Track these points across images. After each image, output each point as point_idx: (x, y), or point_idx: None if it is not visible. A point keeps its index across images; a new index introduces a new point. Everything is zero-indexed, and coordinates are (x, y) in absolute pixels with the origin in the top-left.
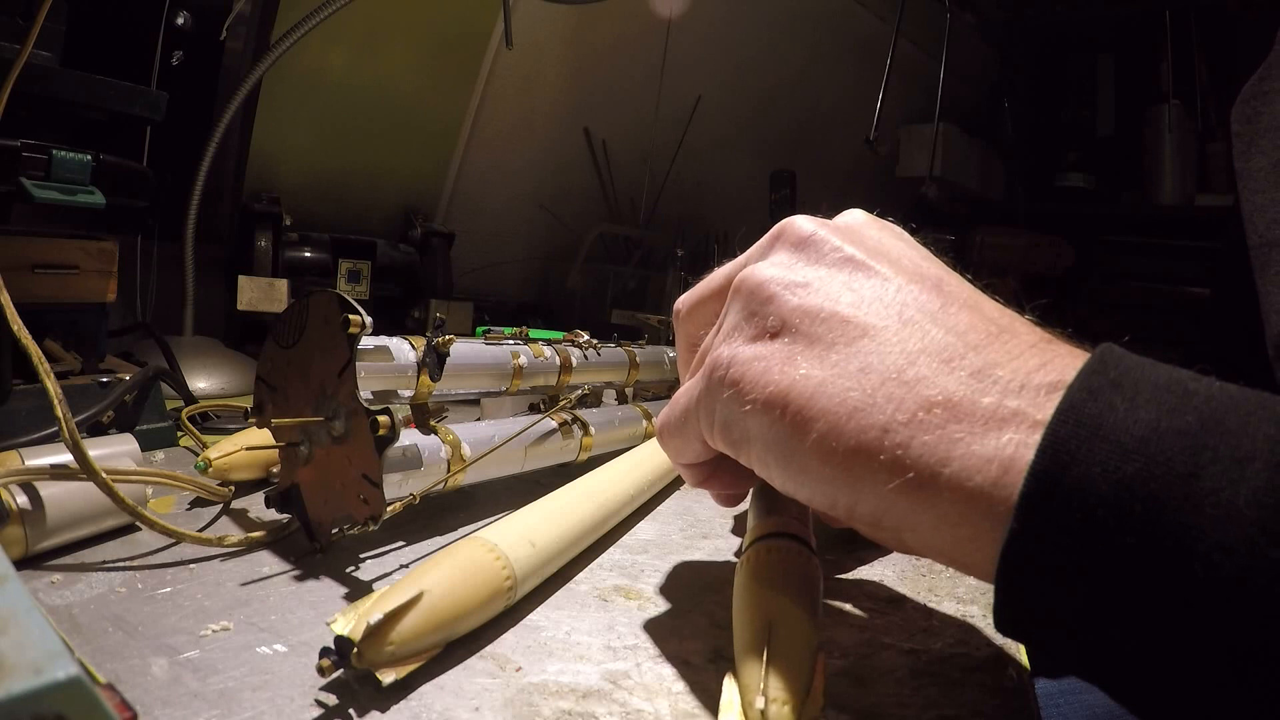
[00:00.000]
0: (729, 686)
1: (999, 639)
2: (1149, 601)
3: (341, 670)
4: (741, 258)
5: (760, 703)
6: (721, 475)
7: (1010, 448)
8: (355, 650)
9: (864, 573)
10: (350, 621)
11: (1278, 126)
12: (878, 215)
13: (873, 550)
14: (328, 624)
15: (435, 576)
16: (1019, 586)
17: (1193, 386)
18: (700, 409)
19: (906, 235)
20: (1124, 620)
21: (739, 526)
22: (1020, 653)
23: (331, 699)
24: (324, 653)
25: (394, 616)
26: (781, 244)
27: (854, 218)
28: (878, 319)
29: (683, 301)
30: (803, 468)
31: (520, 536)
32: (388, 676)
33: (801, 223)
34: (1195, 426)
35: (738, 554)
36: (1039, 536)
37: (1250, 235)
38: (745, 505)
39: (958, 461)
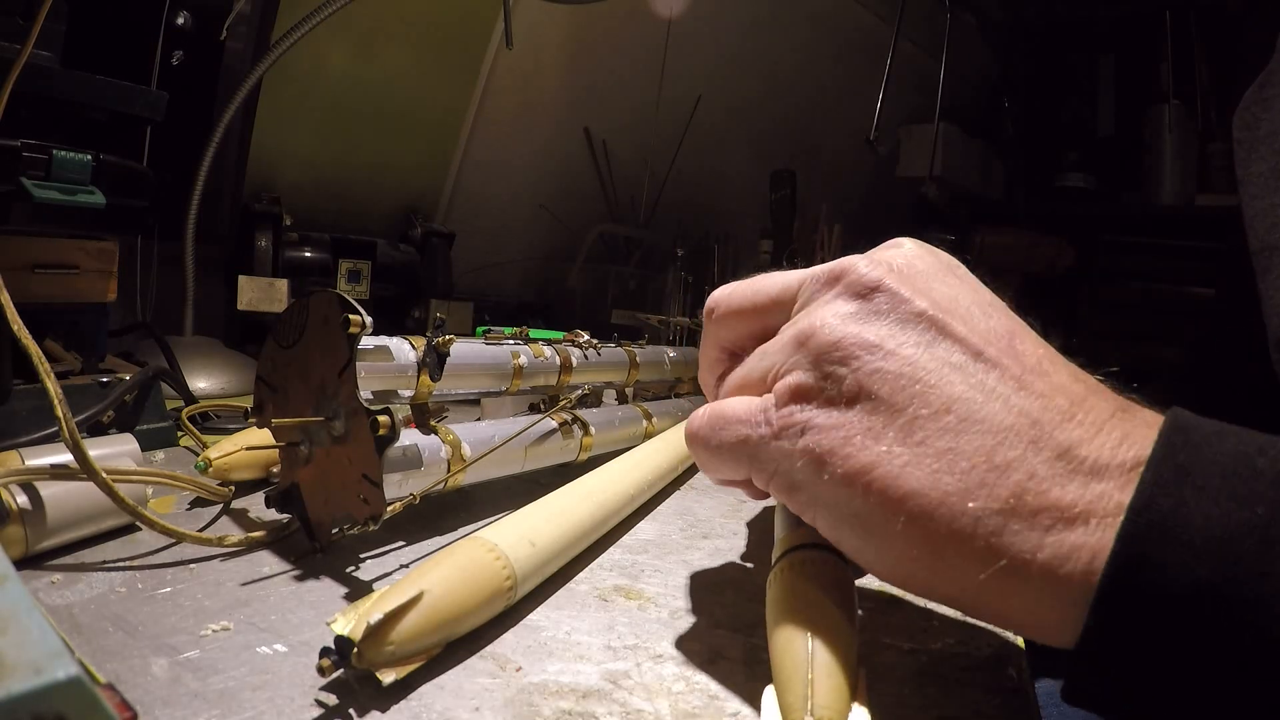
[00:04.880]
0: (769, 701)
1: (999, 639)
2: (1219, 694)
3: (341, 670)
4: (795, 281)
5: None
6: (752, 485)
7: (1098, 532)
8: (355, 650)
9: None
10: (350, 621)
11: (1277, 132)
12: (925, 242)
13: None
14: (328, 624)
15: (435, 576)
16: (1093, 671)
17: (1261, 465)
18: (760, 456)
19: (963, 270)
20: (1196, 712)
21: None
22: (1020, 653)
23: (332, 699)
24: (324, 653)
25: (394, 616)
26: (846, 290)
27: (912, 256)
28: (960, 389)
29: (719, 300)
30: (884, 546)
31: (520, 536)
32: (388, 676)
33: (865, 268)
34: (1265, 519)
35: (768, 561)
36: (1115, 631)
37: (1252, 240)
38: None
39: (1049, 549)
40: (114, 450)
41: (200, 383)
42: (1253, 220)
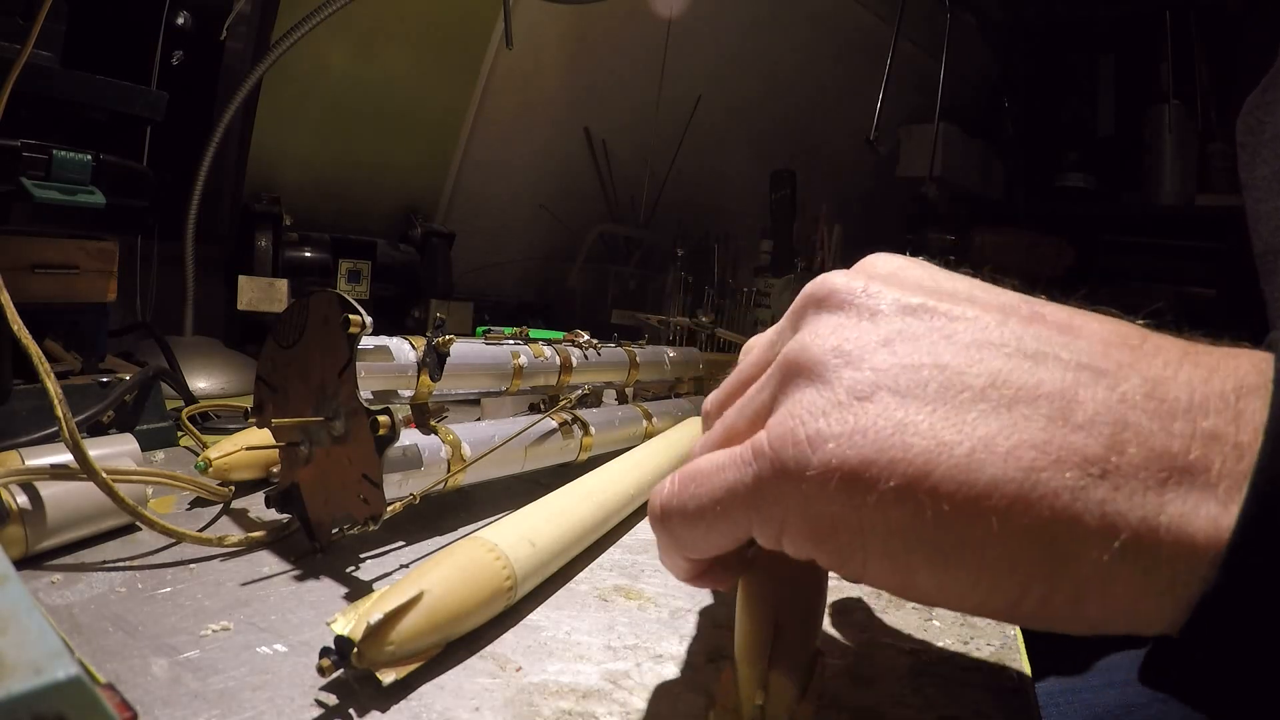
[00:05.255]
0: (727, 680)
1: (999, 639)
2: None
3: (342, 670)
4: (762, 341)
5: (760, 698)
6: (719, 571)
7: (1224, 481)
8: (355, 650)
9: None
10: (350, 621)
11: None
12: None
13: None
14: (328, 624)
15: (435, 576)
16: (1210, 641)
17: None
18: (763, 502)
19: (947, 271)
20: None
21: None
22: (1020, 653)
23: (332, 699)
24: (324, 653)
25: (394, 616)
26: (820, 310)
27: (891, 263)
28: (998, 362)
29: (711, 401)
30: (978, 562)
31: (520, 536)
32: (388, 676)
33: (842, 279)
34: None
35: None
36: (1244, 595)
37: (1255, 243)
38: None
39: (1171, 507)
40: (114, 450)
41: (200, 383)
42: (1257, 223)
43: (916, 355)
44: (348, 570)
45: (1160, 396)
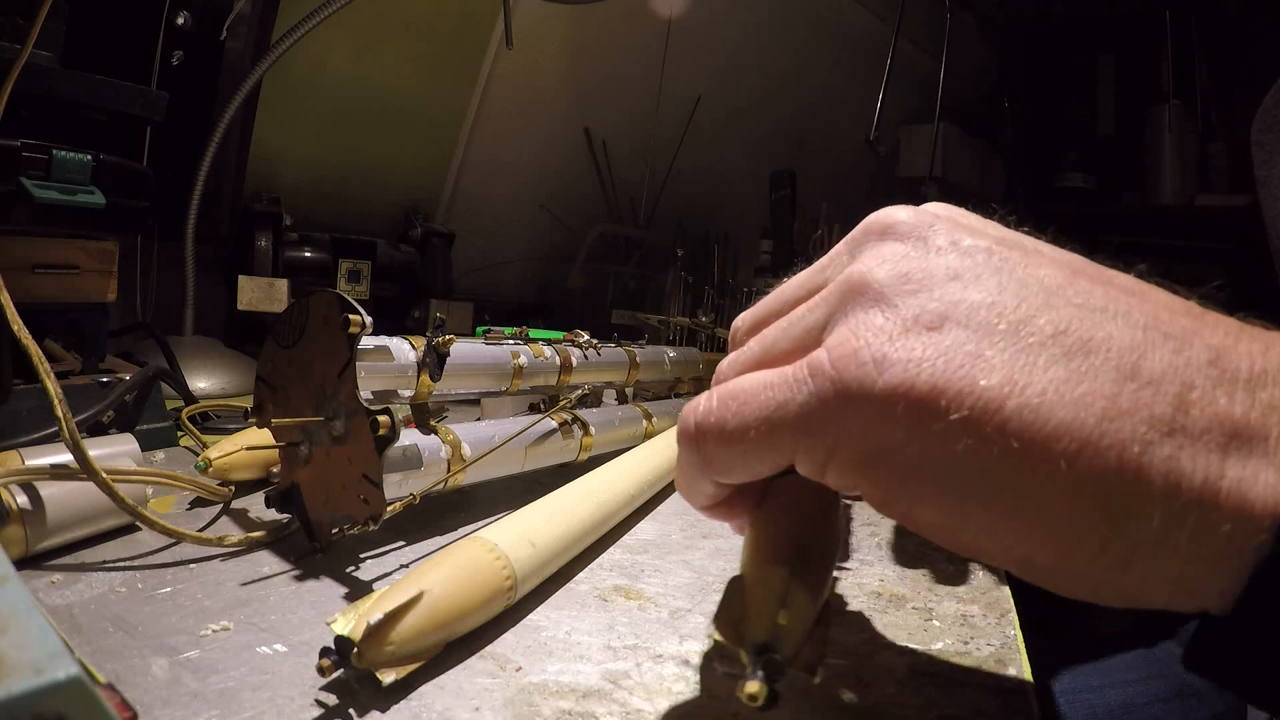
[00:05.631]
0: (733, 595)
1: (999, 639)
2: None
3: (342, 670)
4: (818, 265)
5: (780, 615)
6: (737, 502)
7: None
8: (355, 650)
9: (864, 573)
10: (350, 621)
11: None
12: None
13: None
14: (328, 624)
15: (435, 576)
16: (1266, 614)
17: None
18: (814, 422)
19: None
20: None
21: None
22: (1020, 653)
23: (332, 699)
24: (324, 653)
25: (394, 616)
26: (884, 238)
27: (948, 209)
28: (1068, 312)
29: (744, 320)
30: (1035, 509)
31: (520, 536)
32: (388, 676)
33: (905, 214)
34: None
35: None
36: None
37: (1273, 239)
38: None
39: (1233, 472)
40: (114, 450)
41: (200, 383)
42: (1274, 220)
43: (985, 293)
44: (348, 570)
45: (1222, 365)
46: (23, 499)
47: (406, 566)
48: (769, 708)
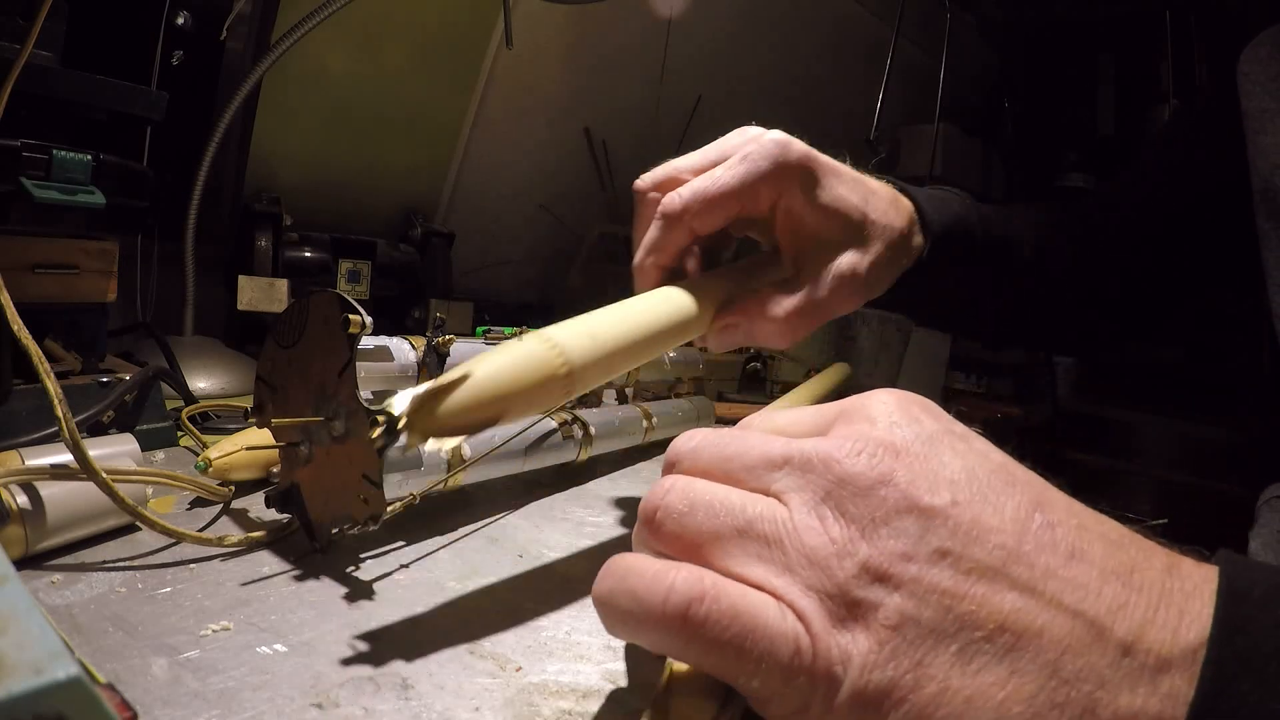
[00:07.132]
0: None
1: None
2: None
3: (389, 442)
4: (778, 454)
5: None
6: None
7: None
8: (404, 422)
9: None
10: (404, 402)
11: None
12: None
13: None
14: (383, 408)
15: (484, 360)
16: None
17: None
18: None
19: (959, 426)
20: None
21: None
22: None
23: (331, 699)
24: (373, 425)
25: (440, 392)
26: (839, 488)
27: (906, 428)
28: (1010, 601)
29: (692, 449)
30: None
31: (581, 330)
32: (430, 445)
33: (855, 463)
34: None
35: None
36: None
37: (1254, 179)
38: None
39: None
40: (114, 450)
41: (200, 383)
42: (1254, 158)
43: (938, 591)
44: (348, 570)
45: (1135, 651)
46: (23, 499)
47: (406, 566)
48: None
